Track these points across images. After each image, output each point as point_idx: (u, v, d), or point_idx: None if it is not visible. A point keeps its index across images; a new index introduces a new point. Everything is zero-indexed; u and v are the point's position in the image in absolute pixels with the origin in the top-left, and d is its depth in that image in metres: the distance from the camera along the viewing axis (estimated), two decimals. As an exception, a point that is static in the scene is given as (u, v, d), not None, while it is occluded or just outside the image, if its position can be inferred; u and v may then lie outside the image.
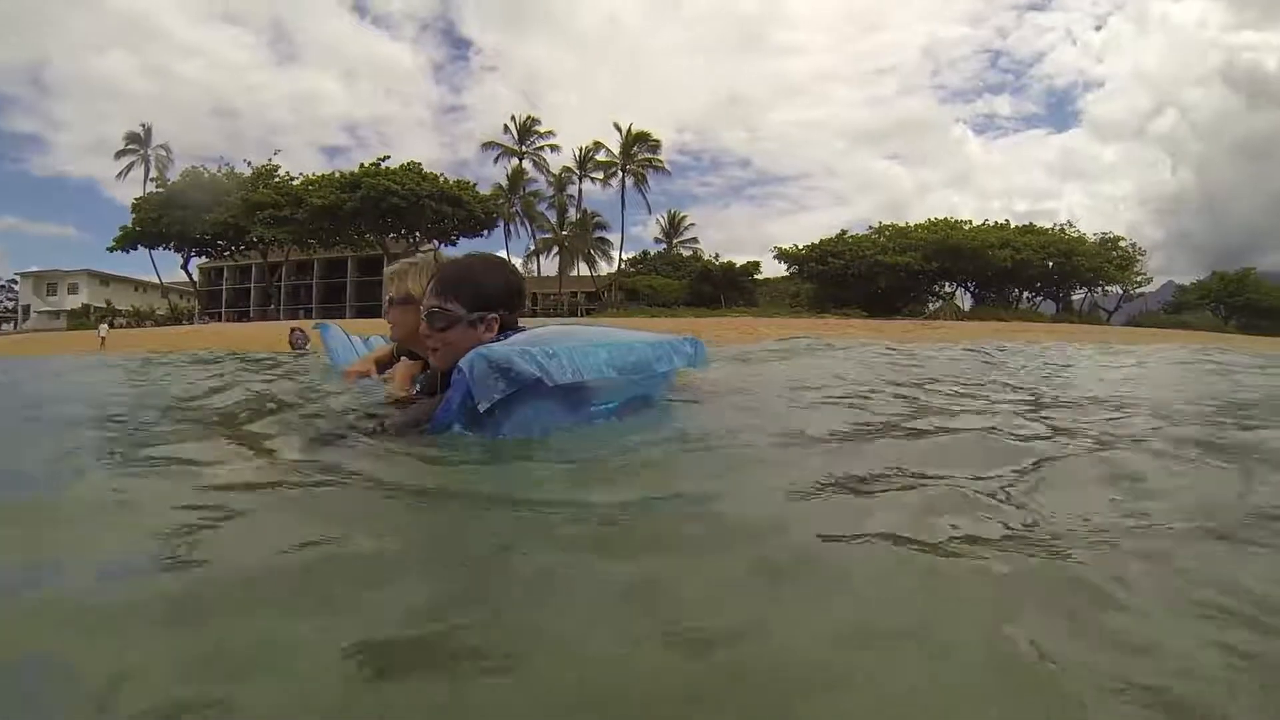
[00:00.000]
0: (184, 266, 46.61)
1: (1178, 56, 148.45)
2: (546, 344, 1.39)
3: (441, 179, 40.57)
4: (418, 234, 40.82)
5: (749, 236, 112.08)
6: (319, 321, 3.39)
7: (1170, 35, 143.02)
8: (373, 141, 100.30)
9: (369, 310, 41.71)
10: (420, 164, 41.19)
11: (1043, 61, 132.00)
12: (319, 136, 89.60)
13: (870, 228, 46.45)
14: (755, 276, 41.20)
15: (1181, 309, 53.43)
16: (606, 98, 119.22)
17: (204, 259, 47.40)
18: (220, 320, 44.39)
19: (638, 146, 42.46)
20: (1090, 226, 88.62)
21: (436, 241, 41.97)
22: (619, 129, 43.51)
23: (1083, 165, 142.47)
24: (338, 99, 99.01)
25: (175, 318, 46.06)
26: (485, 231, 41.31)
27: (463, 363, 1.31)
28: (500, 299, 1.56)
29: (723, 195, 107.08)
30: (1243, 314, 51.78)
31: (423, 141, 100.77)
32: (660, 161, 43.36)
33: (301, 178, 42.05)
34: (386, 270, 2.22)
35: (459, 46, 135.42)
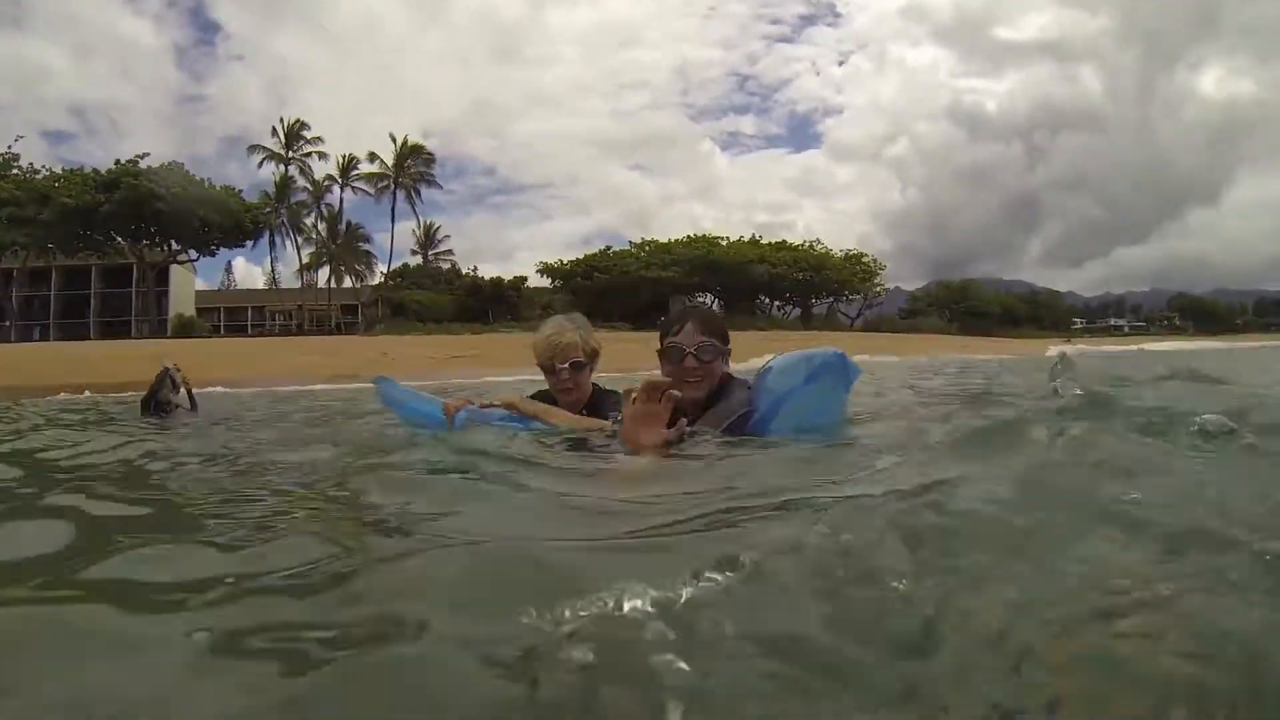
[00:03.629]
0: (-104, 271, 41.11)
1: (911, 93, 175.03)
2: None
3: (208, 184, 39.51)
4: (173, 242, 39.46)
5: (491, 245, 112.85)
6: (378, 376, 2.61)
7: (905, 75, 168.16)
8: (103, 128, 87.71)
9: (116, 329, 38.65)
10: (184, 164, 39.82)
11: (788, 88, 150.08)
12: (41, 118, 72.62)
13: (631, 243, 50.75)
14: (521, 290, 44.18)
15: (914, 314, 64.19)
16: (356, 98, 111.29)
17: (-81, 263, 42.01)
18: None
19: (411, 159, 43.84)
20: (826, 238, 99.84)
21: (194, 252, 40.80)
22: (394, 140, 44.42)
23: (820, 183, 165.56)
24: (66, 76, 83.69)
25: (-121, 333, 40.30)
26: (249, 242, 40.80)
27: (830, 355, 1.77)
28: (727, 338, 1.98)
29: (464, 203, 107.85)
30: (964, 318, 63.37)
31: (158, 132, 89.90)
32: (433, 175, 45.11)
33: (46, 171, 38.65)
34: (548, 336, 2.19)
35: (206, 30, 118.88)
